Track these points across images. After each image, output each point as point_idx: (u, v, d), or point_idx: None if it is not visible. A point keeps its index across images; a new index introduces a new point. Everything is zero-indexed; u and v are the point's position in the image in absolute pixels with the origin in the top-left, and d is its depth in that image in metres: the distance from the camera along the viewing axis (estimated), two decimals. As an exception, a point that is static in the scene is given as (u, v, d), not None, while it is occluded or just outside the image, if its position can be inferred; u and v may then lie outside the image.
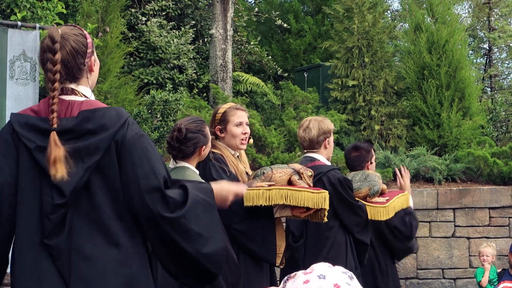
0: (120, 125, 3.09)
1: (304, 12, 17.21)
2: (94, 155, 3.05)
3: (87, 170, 3.03)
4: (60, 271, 3.01)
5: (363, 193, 5.81)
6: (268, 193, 4.73)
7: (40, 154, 3.03)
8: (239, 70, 14.49)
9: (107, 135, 3.06)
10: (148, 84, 12.44)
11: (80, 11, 10.61)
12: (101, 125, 3.07)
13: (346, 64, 12.81)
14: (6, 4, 9.26)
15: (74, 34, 3.19)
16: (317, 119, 5.83)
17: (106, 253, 3.05)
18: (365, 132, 12.45)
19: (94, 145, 3.05)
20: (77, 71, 3.19)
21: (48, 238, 3.02)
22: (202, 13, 14.72)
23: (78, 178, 3.02)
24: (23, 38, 7.43)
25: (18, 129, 3.10)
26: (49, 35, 3.13)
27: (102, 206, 3.07)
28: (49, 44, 3.11)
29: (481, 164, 11.44)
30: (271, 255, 4.93)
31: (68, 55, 3.14)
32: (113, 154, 3.08)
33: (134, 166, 3.10)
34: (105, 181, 3.09)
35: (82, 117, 3.08)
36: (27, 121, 3.11)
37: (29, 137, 3.07)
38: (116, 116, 3.11)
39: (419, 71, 12.82)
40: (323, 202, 4.76)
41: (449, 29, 12.93)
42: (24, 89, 7.39)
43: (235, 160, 5.22)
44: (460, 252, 10.58)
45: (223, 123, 5.19)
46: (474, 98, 12.97)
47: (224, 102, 11.20)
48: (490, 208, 10.73)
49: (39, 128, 3.08)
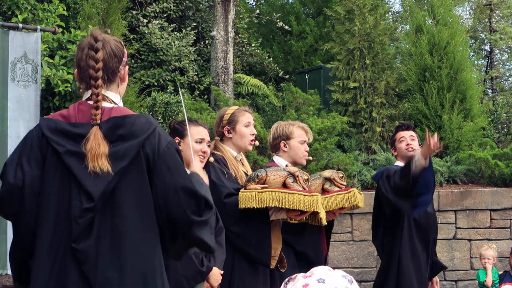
0: (150, 133, 3.14)
1: (305, 14, 17.20)
2: (123, 161, 3.10)
3: (116, 175, 3.07)
4: (87, 275, 3.04)
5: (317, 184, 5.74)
6: (260, 195, 4.78)
7: (71, 158, 3.08)
8: (240, 72, 14.48)
9: (137, 142, 3.12)
10: (149, 86, 12.43)
11: (81, 13, 10.59)
12: (131, 132, 3.13)
13: (347, 66, 12.81)
14: (7, 6, 9.27)
15: (114, 39, 3.29)
16: (280, 124, 5.92)
17: (130, 259, 3.09)
18: (366, 134, 12.45)
19: (123, 151, 3.10)
20: (112, 74, 3.26)
21: (76, 242, 3.05)
22: (203, 15, 14.72)
23: (107, 182, 3.06)
24: (24, 40, 7.43)
25: (48, 133, 3.14)
26: (92, 34, 3.22)
27: (129, 212, 3.11)
28: (92, 42, 3.20)
29: (482, 166, 11.44)
30: (266, 258, 4.95)
31: (108, 55, 3.21)
32: (142, 161, 3.13)
33: (172, 174, 3.16)
34: (132, 187, 3.12)
35: (112, 123, 3.14)
36: (57, 126, 3.15)
37: (59, 141, 3.11)
38: (146, 124, 3.16)
39: (420, 73, 12.81)
40: (315, 205, 4.80)
41: (450, 30, 12.92)
42: (26, 91, 7.40)
43: (236, 162, 5.25)
44: (461, 254, 10.57)
45: (232, 124, 5.25)
46: (475, 100, 12.96)
47: (226, 104, 11.22)
48: (491, 210, 10.72)
49: (69, 133, 3.13)
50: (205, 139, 4.73)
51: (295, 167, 5.26)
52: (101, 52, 3.18)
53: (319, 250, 5.82)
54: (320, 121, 11.45)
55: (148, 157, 3.14)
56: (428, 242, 6.54)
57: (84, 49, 3.23)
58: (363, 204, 5.74)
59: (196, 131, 4.73)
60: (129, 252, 3.08)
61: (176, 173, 3.17)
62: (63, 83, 8.92)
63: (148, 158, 3.14)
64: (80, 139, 3.11)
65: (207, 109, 11.53)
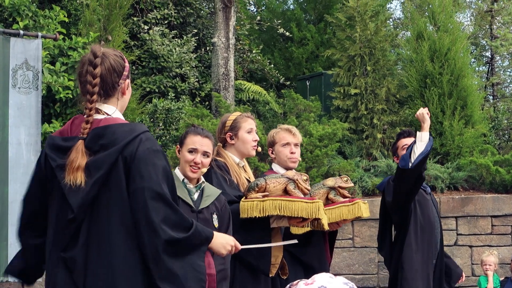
0: (129, 140, 3.18)
1: (306, 20, 17.21)
2: (100, 170, 3.14)
3: (93, 184, 3.13)
4: (76, 283, 3.13)
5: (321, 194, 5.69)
6: (262, 204, 4.76)
7: (60, 172, 3.17)
8: (241, 79, 14.48)
9: (114, 149, 3.16)
10: (150, 93, 12.44)
11: (82, 19, 10.60)
12: (111, 140, 3.18)
13: (348, 73, 12.81)
14: (8, 12, 9.27)
15: (114, 54, 3.37)
16: (272, 131, 5.83)
17: (115, 264, 3.13)
18: (367, 141, 12.44)
19: (101, 160, 3.16)
20: (111, 89, 3.34)
21: (64, 251, 3.15)
22: (204, 22, 14.72)
23: (85, 193, 3.12)
24: (25, 47, 7.44)
25: (47, 150, 3.28)
26: (92, 50, 3.32)
27: (111, 220, 3.15)
28: (91, 58, 3.29)
29: (483, 172, 11.43)
30: (265, 266, 4.93)
31: (106, 71, 3.30)
32: (121, 168, 3.16)
33: (142, 178, 3.16)
34: (113, 195, 3.17)
35: (93, 134, 3.21)
36: (53, 142, 3.28)
37: (53, 156, 3.23)
38: (128, 132, 3.21)
39: (421, 79, 12.81)
40: (317, 212, 4.77)
41: (451, 37, 12.92)
42: (27, 97, 7.41)
43: (239, 169, 5.24)
44: (462, 260, 10.55)
45: (234, 130, 5.25)
46: (476, 106, 12.96)
47: (227, 111, 11.22)
48: (492, 216, 10.71)
49: (61, 147, 3.23)
50: (199, 149, 4.58)
51: (292, 171, 5.23)
52: (99, 68, 3.26)
53: (324, 261, 5.79)
54: (321, 128, 11.44)
55: (126, 162, 3.18)
56: (435, 245, 6.51)
57: (84, 64, 3.32)
58: (368, 214, 5.71)
59: (191, 141, 4.64)
60: (115, 258, 3.13)
61: (147, 177, 3.17)
62: (64, 89, 8.92)
63: (126, 164, 3.18)
64: (68, 152, 3.19)
65: (208, 115, 11.52)
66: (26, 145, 7.27)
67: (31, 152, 7.32)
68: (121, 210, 3.16)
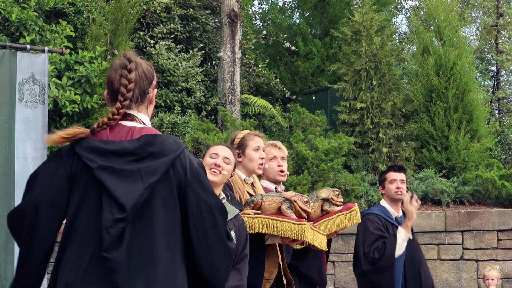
0: (179, 152, 3.33)
1: (312, 34, 17.26)
2: (154, 176, 3.24)
3: (146, 188, 3.20)
4: (119, 284, 3.14)
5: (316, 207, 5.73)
6: (251, 221, 4.88)
7: (102, 173, 3.22)
8: (247, 93, 14.52)
9: (167, 160, 3.28)
10: (156, 107, 12.47)
11: (89, 34, 10.65)
12: (162, 150, 3.29)
13: (354, 87, 12.83)
14: (15, 27, 9.33)
15: (145, 63, 3.49)
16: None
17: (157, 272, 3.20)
18: (373, 155, 12.45)
19: (154, 167, 3.25)
20: (142, 96, 3.44)
21: (107, 251, 3.15)
22: (210, 36, 14.77)
23: (138, 195, 3.19)
24: (32, 61, 7.46)
25: (80, 151, 3.30)
26: (125, 55, 3.40)
27: (157, 226, 3.24)
28: (125, 63, 3.37)
29: (489, 186, 11.43)
30: (258, 281, 4.98)
31: (140, 77, 3.39)
32: (171, 178, 3.28)
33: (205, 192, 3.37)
34: (162, 202, 3.27)
35: (144, 140, 3.30)
36: (88, 144, 3.30)
37: (90, 157, 3.26)
38: (174, 144, 3.34)
39: (427, 93, 12.83)
40: (302, 233, 4.84)
41: (457, 51, 12.95)
42: (33, 112, 7.42)
43: (243, 186, 5.29)
44: (468, 274, 10.54)
45: (241, 148, 5.36)
46: (482, 120, 12.97)
47: (233, 125, 11.24)
48: (498, 230, 10.71)
49: (101, 150, 3.28)
50: (220, 154, 4.70)
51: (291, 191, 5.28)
52: (134, 73, 3.35)
53: (322, 272, 5.85)
54: (327, 142, 11.46)
55: (179, 175, 3.31)
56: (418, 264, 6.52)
57: (117, 69, 3.37)
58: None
59: (213, 148, 4.79)
60: (156, 265, 3.19)
61: (209, 191, 3.38)
62: (71, 103, 8.96)
63: (179, 176, 3.31)
64: (111, 154, 3.25)
65: (214, 129, 11.55)
66: (32, 159, 7.28)
67: (37, 166, 7.33)
68: (168, 218, 3.26)
